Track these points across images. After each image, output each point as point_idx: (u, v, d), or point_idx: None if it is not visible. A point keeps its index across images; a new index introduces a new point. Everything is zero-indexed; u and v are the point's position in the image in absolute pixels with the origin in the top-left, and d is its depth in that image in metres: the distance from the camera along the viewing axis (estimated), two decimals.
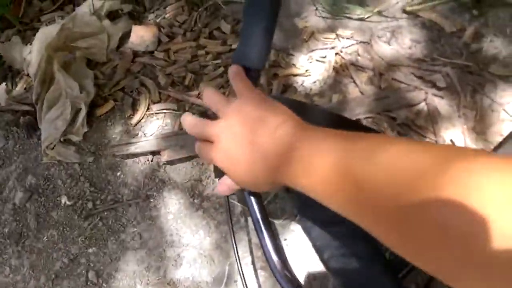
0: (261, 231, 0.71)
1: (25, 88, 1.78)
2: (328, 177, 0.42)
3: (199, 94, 1.66)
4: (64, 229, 1.54)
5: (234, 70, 0.59)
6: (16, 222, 1.58)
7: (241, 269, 0.78)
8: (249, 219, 1.41)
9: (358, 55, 1.68)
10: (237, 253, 0.78)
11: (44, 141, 1.60)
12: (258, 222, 0.71)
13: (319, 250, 0.71)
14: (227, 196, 0.75)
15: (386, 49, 1.67)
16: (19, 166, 1.66)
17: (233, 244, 0.77)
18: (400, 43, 1.68)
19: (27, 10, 1.91)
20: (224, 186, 0.58)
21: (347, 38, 1.71)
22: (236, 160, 0.51)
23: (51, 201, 1.59)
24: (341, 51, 1.69)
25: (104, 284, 1.46)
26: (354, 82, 1.63)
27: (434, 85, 1.56)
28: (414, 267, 0.77)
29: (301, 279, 1.35)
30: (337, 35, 1.71)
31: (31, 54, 1.68)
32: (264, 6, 0.59)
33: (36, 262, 1.52)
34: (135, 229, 1.51)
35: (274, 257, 0.69)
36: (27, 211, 1.59)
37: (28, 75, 1.77)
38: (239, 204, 1.48)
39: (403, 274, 0.74)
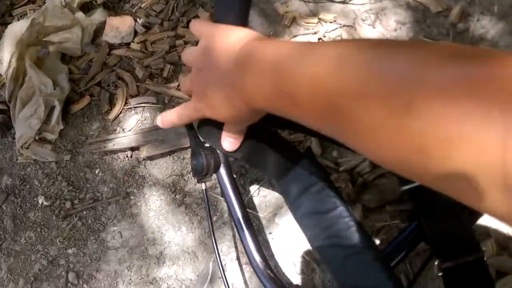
0: (242, 230, 0.67)
1: None
2: (299, 91, 0.39)
3: (178, 86, 1.60)
4: (42, 230, 1.49)
5: (194, 20, 0.60)
6: None
7: (222, 267, 0.74)
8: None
9: (342, 39, 1.62)
10: (218, 251, 0.74)
11: (19, 141, 1.54)
12: (239, 221, 0.68)
13: (310, 239, 0.69)
14: (206, 190, 0.73)
15: (370, 32, 1.61)
16: None
17: (213, 242, 0.74)
18: (385, 25, 1.62)
19: None
20: (226, 141, 0.60)
21: (330, 22, 1.64)
22: (210, 85, 0.51)
23: (28, 202, 1.53)
24: (324, 36, 1.63)
25: (84, 285, 1.41)
26: None
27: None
28: (405, 256, 0.74)
29: (288, 273, 1.31)
30: (319, 19, 1.65)
31: (2, 51, 1.62)
32: None
33: (14, 265, 1.47)
34: (116, 227, 1.46)
35: (257, 257, 0.66)
36: (3, 213, 1.53)
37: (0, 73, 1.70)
38: (222, 198, 1.43)
39: (395, 262, 0.73)
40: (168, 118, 0.61)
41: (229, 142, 0.61)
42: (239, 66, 0.46)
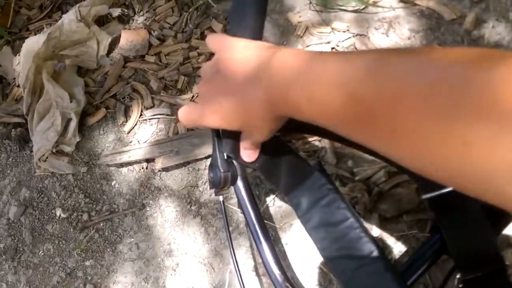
0: (260, 242, 0.67)
1: (15, 100, 1.75)
2: (331, 98, 0.39)
3: (192, 97, 1.61)
4: (60, 242, 1.51)
5: (210, 35, 0.60)
6: (11, 237, 1.54)
7: (241, 279, 0.74)
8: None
9: (355, 48, 1.62)
10: (236, 261, 0.74)
11: (36, 153, 1.56)
12: (257, 233, 0.68)
13: (321, 251, 0.69)
14: (223, 202, 0.73)
15: (384, 40, 1.61)
16: (12, 179, 1.63)
17: (231, 252, 0.74)
18: (398, 33, 1.61)
19: (15, 19, 1.87)
20: (246, 152, 0.60)
21: (343, 32, 1.64)
22: (229, 102, 0.51)
23: (46, 214, 1.55)
24: (337, 45, 1.63)
25: None
26: None
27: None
28: (427, 269, 0.74)
29: (305, 284, 1.30)
30: (332, 28, 1.65)
31: (19, 65, 1.65)
32: None
33: (33, 278, 1.48)
34: (132, 239, 1.47)
35: (275, 270, 0.67)
36: (22, 226, 1.55)
37: (19, 86, 1.73)
38: (238, 209, 1.43)
39: (416, 276, 0.72)
40: (180, 114, 0.60)
41: (247, 154, 0.61)
42: (265, 78, 0.46)
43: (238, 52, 0.52)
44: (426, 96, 0.31)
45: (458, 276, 0.68)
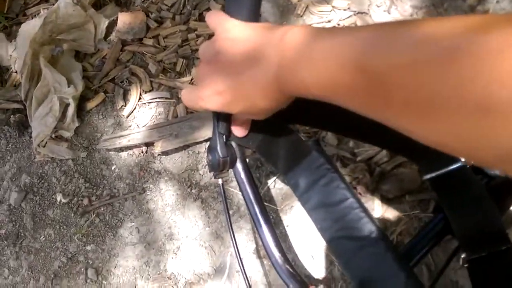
0: (260, 225, 0.66)
1: (14, 85, 1.73)
2: (341, 73, 0.38)
3: (191, 80, 1.59)
4: (61, 227, 1.50)
5: (209, 12, 0.57)
6: (13, 223, 1.54)
7: (241, 261, 0.73)
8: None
9: (357, 26, 1.59)
10: (236, 244, 0.73)
11: (35, 139, 1.55)
12: (257, 216, 0.66)
13: (321, 232, 0.68)
14: (223, 185, 0.72)
15: (385, 18, 1.58)
16: (12, 165, 1.62)
17: (231, 235, 0.73)
18: (401, 10, 1.58)
19: (12, 4, 1.85)
20: (237, 128, 0.60)
21: (344, 10, 1.61)
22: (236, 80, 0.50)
23: (46, 200, 1.55)
24: (338, 24, 1.60)
25: (103, 282, 1.42)
26: None
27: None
28: (430, 250, 0.72)
29: (306, 266, 1.29)
30: (333, 7, 1.62)
31: (16, 50, 1.63)
32: None
33: (35, 263, 1.48)
34: (133, 223, 1.46)
35: (275, 252, 0.65)
36: (23, 211, 1.55)
37: (16, 72, 1.71)
38: (238, 192, 1.41)
39: (419, 256, 0.71)
40: (183, 96, 0.59)
41: (238, 129, 0.61)
42: (274, 57, 0.45)
43: (239, 32, 0.50)
44: (440, 64, 0.30)
45: (463, 256, 0.66)
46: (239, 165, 0.67)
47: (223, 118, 0.61)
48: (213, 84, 0.52)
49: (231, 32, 0.51)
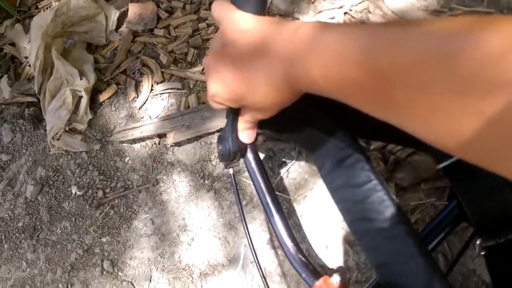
0: (272, 215, 0.66)
1: (28, 79, 1.74)
2: (348, 71, 0.38)
3: (203, 70, 1.58)
4: (77, 220, 1.51)
5: (215, 3, 0.56)
6: (29, 216, 1.56)
7: (255, 252, 0.73)
8: None
9: (369, 12, 1.55)
10: (249, 234, 0.73)
11: (50, 132, 1.56)
12: (268, 206, 0.66)
13: (343, 213, 0.68)
14: (233, 175, 0.72)
15: (399, 3, 1.54)
16: (28, 159, 1.64)
17: (244, 225, 0.73)
18: None
19: None
20: (245, 132, 0.60)
21: None
22: (242, 75, 0.50)
23: (62, 192, 1.56)
24: (351, 10, 1.56)
25: (119, 273, 1.43)
26: None
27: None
28: (445, 237, 0.71)
29: (320, 255, 1.28)
30: None
31: (29, 44, 1.63)
32: None
33: (52, 255, 1.50)
34: (147, 215, 1.46)
35: (288, 242, 0.65)
36: (39, 204, 1.56)
37: (30, 65, 1.72)
38: (251, 182, 1.40)
39: (434, 244, 0.71)
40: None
41: (247, 134, 0.61)
42: (285, 53, 0.45)
43: (247, 24, 0.50)
44: (443, 64, 0.30)
45: (478, 242, 0.65)
46: (249, 155, 0.66)
47: (236, 109, 0.60)
48: (220, 76, 0.52)
49: (239, 23, 0.51)
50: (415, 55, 0.32)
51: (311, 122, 0.69)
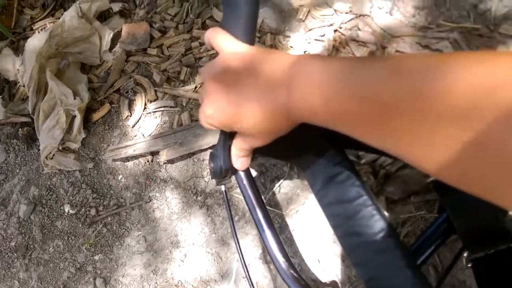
0: (263, 231, 0.66)
1: (22, 99, 1.76)
2: (349, 104, 0.40)
3: (195, 88, 1.60)
4: (69, 238, 1.51)
5: (211, 30, 0.57)
6: (22, 235, 1.56)
7: (246, 268, 0.73)
8: None
9: (359, 29, 1.58)
10: (240, 250, 0.73)
11: (43, 151, 1.57)
12: (260, 222, 0.67)
13: (334, 229, 0.69)
14: (225, 192, 0.73)
15: (388, 20, 1.57)
16: (21, 178, 1.64)
17: (235, 241, 0.73)
18: (403, 12, 1.57)
19: (19, 19, 1.89)
20: (239, 160, 0.61)
21: (346, 13, 1.61)
22: (237, 103, 0.50)
23: (54, 211, 1.56)
24: (340, 27, 1.59)
25: None
26: None
27: (441, 53, 1.45)
28: (435, 250, 0.72)
29: (313, 269, 1.28)
30: (335, 10, 1.62)
31: (23, 65, 1.65)
32: None
33: (44, 274, 1.49)
34: (140, 232, 1.46)
35: (279, 257, 0.65)
36: (32, 223, 1.56)
37: (24, 86, 1.74)
38: (243, 198, 1.41)
39: (424, 257, 0.71)
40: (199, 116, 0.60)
41: (241, 161, 0.61)
42: (285, 83, 0.46)
43: (246, 54, 0.52)
44: (440, 96, 0.31)
45: (465, 254, 0.66)
46: (241, 172, 0.67)
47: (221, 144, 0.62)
48: (217, 100, 0.53)
49: (238, 53, 0.52)
50: (414, 87, 0.33)
51: (302, 141, 0.70)
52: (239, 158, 0.61)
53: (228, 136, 0.61)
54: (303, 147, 0.70)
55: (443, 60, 0.33)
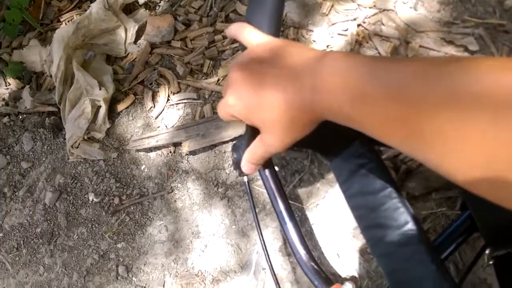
0: (285, 223, 0.67)
1: (49, 89, 1.80)
2: (376, 102, 0.39)
3: (218, 80, 1.61)
4: (93, 226, 1.55)
5: (237, 25, 0.57)
6: (47, 222, 1.60)
7: (269, 258, 0.74)
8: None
9: (382, 24, 1.58)
10: (263, 242, 0.74)
11: (69, 141, 1.61)
12: (282, 214, 0.67)
13: (358, 220, 0.68)
14: (248, 183, 0.73)
15: (412, 14, 1.56)
16: (47, 166, 1.68)
17: (258, 232, 0.74)
18: (427, 7, 1.56)
19: (46, 11, 1.93)
20: (247, 164, 0.60)
21: (369, 7, 1.60)
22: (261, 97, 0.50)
23: (79, 199, 1.60)
24: (364, 22, 1.59)
25: (134, 278, 1.46)
26: (379, 53, 1.53)
27: (466, 49, 1.44)
28: (457, 248, 0.72)
29: (332, 263, 1.29)
30: (358, 5, 1.61)
31: (51, 55, 1.69)
32: None
33: (68, 260, 1.53)
34: (162, 222, 1.49)
35: (300, 250, 0.66)
36: (57, 211, 1.60)
37: (51, 76, 1.78)
38: (263, 190, 1.42)
39: (446, 254, 0.70)
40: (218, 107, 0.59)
41: (249, 166, 0.60)
42: (309, 75, 0.46)
43: (275, 48, 0.51)
44: (476, 99, 0.31)
45: (487, 252, 0.65)
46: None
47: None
48: (240, 89, 0.52)
49: (264, 43, 0.52)
50: (449, 89, 0.33)
51: (329, 131, 0.70)
52: (248, 162, 0.60)
53: (253, 129, 0.62)
54: (330, 137, 0.70)
55: (475, 63, 0.32)
